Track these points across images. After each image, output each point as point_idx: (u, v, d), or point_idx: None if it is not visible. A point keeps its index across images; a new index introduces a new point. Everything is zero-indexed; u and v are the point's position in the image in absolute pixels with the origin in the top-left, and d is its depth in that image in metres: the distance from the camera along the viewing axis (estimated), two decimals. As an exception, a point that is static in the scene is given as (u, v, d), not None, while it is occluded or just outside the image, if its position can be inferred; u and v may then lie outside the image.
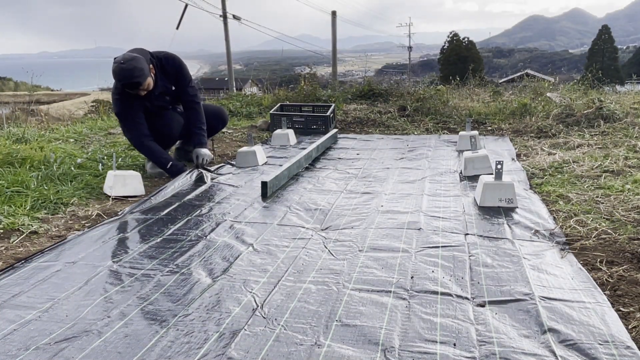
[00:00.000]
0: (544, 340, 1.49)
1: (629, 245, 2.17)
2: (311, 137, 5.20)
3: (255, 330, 1.58)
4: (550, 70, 31.51)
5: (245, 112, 6.81)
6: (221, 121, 4.28)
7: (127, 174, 3.21)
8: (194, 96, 3.76)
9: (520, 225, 2.47)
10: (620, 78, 28.59)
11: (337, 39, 16.34)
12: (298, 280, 1.93)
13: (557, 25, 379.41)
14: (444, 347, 1.47)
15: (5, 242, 2.39)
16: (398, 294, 1.76)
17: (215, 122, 4.08)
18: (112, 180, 3.15)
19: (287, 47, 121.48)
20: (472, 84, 8.33)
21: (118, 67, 3.27)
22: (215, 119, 4.07)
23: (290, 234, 2.45)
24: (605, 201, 2.73)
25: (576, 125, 5.00)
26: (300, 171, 3.76)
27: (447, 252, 2.16)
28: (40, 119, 7.12)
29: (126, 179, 3.17)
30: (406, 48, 53.36)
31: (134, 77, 3.29)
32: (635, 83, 8.60)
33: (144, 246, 2.32)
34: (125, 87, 3.34)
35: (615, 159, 3.55)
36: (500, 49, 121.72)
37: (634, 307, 1.68)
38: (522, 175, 3.42)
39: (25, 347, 1.51)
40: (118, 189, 3.13)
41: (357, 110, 6.46)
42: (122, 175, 3.18)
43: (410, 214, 2.68)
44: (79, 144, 4.54)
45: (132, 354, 1.47)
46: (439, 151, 4.38)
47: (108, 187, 3.17)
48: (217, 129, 4.27)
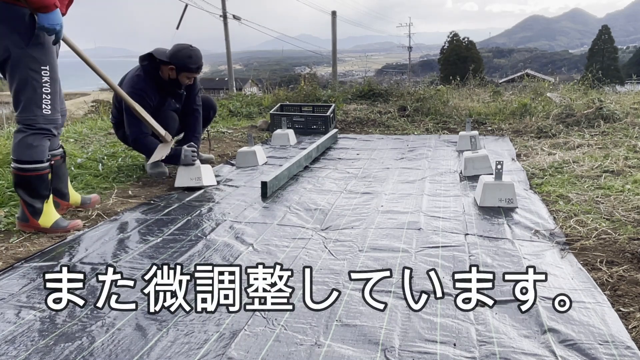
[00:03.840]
0: (544, 340, 1.49)
1: (629, 245, 2.17)
2: (311, 137, 5.20)
3: (256, 331, 1.58)
4: (550, 71, 31.52)
5: (245, 112, 6.81)
6: (212, 110, 4.28)
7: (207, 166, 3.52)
8: (200, 105, 3.83)
9: (520, 225, 2.47)
10: (620, 78, 28.60)
11: (337, 39, 16.33)
12: (298, 280, 1.92)
13: (557, 25, 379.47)
14: (444, 347, 1.47)
15: (5, 242, 2.39)
16: (398, 294, 1.76)
17: (207, 112, 4.09)
18: (200, 171, 3.32)
19: (287, 47, 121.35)
20: (472, 84, 8.33)
21: (192, 50, 3.43)
22: (206, 110, 4.07)
23: (290, 234, 2.45)
24: (605, 201, 2.73)
25: (576, 126, 5.00)
26: (300, 171, 3.76)
27: (447, 252, 2.16)
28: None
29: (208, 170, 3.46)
30: (406, 48, 53.39)
31: (200, 60, 3.49)
32: (635, 83, 8.60)
33: (144, 246, 2.32)
34: (191, 69, 3.42)
35: (615, 159, 3.55)
36: (500, 49, 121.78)
37: (634, 307, 1.68)
38: (522, 175, 3.42)
39: (26, 347, 1.51)
40: (208, 179, 3.34)
41: (357, 110, 6.46)
42: (207, 167, 3.46)
43: (410, 214, 2.68)
44: (79, 144, 4.54)
45: (132, 353, 1.47)
46: (439, 151, 4.38)
47: (193, 179, 3.28)
48: (211, 118, 4.29)
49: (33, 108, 2.34)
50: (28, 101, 2.33)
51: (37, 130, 2.37)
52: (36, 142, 2.38)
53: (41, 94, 2.33)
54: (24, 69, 2.29)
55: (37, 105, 2.34)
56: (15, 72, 2.30)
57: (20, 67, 2.28)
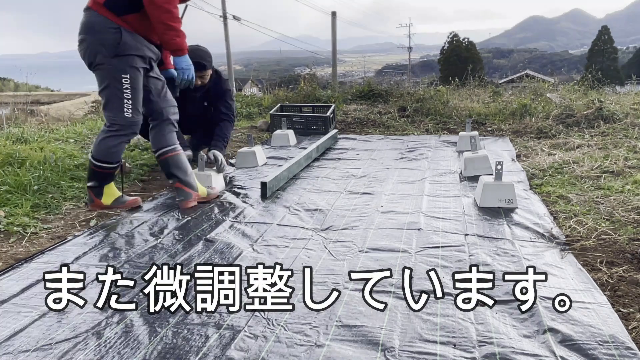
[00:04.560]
0: (544, 340, 1.49)
1: (629, 245, 2.17)
2: (311, 137, 5.20)
3: (255, 331, 1.58)
4: (550, 71, 31.48)
5: (245, 112, 6.81)
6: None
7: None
8: (231, 113, 3.85)
9: (520, 225, 2.47)
10: (620, 79, 28.59)
11: (337, 39, 16.33)
12: (298, 281, 1.92)
13: (557, 26, 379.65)
14: (444, 347, 1.47)
15: (5, 242, 2.39)
16: (398, 294, 1.76)
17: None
18: (212, 179, 3.26)
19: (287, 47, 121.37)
20: (472, 84, 8.33)
21: (195, 46, 3.49)
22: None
23: (290, 234, 2.45)
24: (605, 202, 2.73)
25: (576, 126, 5.00)
26: (300, 171, 3.76)
27: (447, 252, 2.16)
28: (40, 119, 7.12)
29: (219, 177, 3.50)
30: (406, 49, 53.40)
31: (202, 58, 3.53)
32: (635, 83, 8.60)
33: (144, 246, 2.32)
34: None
35: (615, 159, 3.55)
36: (500, 50, 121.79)
37: (634, 308, 1.68)
38: (522, 175, 3.42)
39: (27, 348, 1.51)
40: (218, 186, 3.30)
41: (357, 111, 6.46)
42: (218, 175, 3.45)
43: (410, 215, 2.68)
44: (79, 144, 4.54)
45: (132, 353, 1.47)
46: (439, 152, 4.38)
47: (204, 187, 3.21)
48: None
49: (116, 110, 2.62)
50: (112, 104, 2.62)
51: (117, 131, 2.65)
52: (114, 147, 2.67)
53: (122, 99, 2.60)
54: (109, 76, 2.57)
55: (119, 109, 2.61)
56: (102, 76, 2.60)
57: (105, 73, 2.58)
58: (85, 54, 2.59)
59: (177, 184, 2.87)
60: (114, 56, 2.52)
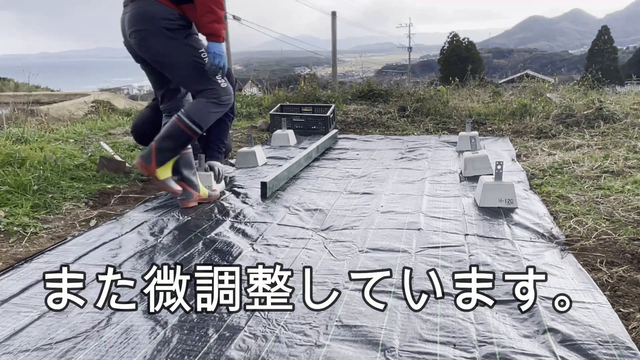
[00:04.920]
0: (544, 340, 1.49)
1: (629, 245, 2.17)
2: (311, 137, 5.20)
3: (256, 331, 1.58)
4: (550, 71, 31.50)
5: (245, 112, 6.81)
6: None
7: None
8: (231, 111, 3.79)
9: (520, 225, 2.47)
10: (620, 79, 28.58)
11: (337, 39, 16.32)
12: (298, 281, 1.92)
13: (557, 26, 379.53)
14: (444, 348, 1.47)
15: (5, 242, 2.39)
16: (398, 294, 1.76)
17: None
18: (212, 179, 3.22)
19: (287, 47, 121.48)
20: (472, 84, 8.33)
21: None
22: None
23: (290, 234, 2.45)
24: (605, 202, 2.73)
25: (576, 126, 5.00)
26: (300, 171, 3.76)
27: (447, 252, 2.16)
28: (40, 119, 7.12)
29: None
30: (406, 48, 53.43)
31: None
32: (635, 84, 8.60)
33: (144, 246, 2.32)
34: None
35: (615, 159, 3.55)
36: (500, 50, 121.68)
37: (634, 308, 1.68)
38: (522, 175, 3.42)
39: (27, 348, 1.51)
40: (219, 186, 3.29)
41: (357, 111, 6.46)
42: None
43: (410, 215, 2.68)
44: (78, 144, 4.54)
45: (132, 354, 1.47)
46: (439, 152, 4.38)
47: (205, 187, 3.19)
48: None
49: (211, 83, 2.59)
50: (203, 80, 2.58)
51: (220, 101, 2.62)
52: (213, 114, 2.62)
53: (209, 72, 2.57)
54: (189, 56, 2.53)
55: (212, 81, 2.59)
56: (181, 62, 2.54)
57: (184, 56, 2.53)
58: (146, 43, 2.53)
59: (181, 182, 2.84)
60: (185, 36, 2.51)
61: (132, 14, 2.53)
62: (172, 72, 2.65)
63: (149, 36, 2.51)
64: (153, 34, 2.50)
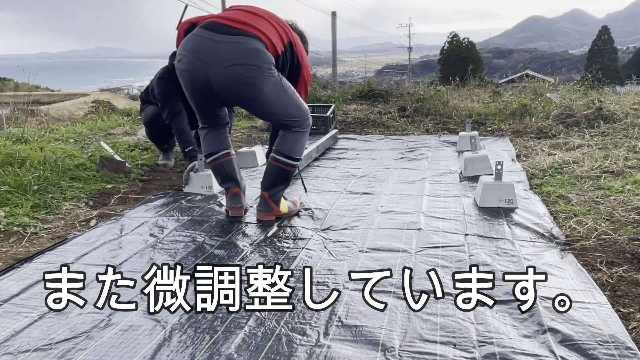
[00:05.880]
0: (544, 340, 1.49)
1: (629, 245, 2.17)
2: (311, 137, 5.18)
3: (255, 331, 1.58)
4: (550, 71, 31.52)
5: (246, 112, 6.81)
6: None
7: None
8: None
9: (520, 225, 2.47)
10: (620, 79, 28.58)
11: (337, 39, 16.33)
12: (298, 281, 1.92)
13: (557, 26, 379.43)
14: (444, 347, 1.47)
15: (5, 242, 2.39)
16: (398, 294, 1.76)
17: None
18: (212, 179, 3.20)
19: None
20: (472, 84, 8.33)
21: None
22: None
23: (290, 234, 2.45)
24: (605, 202, 2.73)
25: (576, 126, 5.00)
26: (300, 171, 3.76)
27: (447, 252, 2.16)
28: (40, 119, 7.12)
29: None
30: (406, 48, 53.45)
31: None
32: (635, 84, 8.61)
33: (144, 246, 2.32)
34: None
35: (615, 159, 3.55)
36: (500, 50, 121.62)
37: (634, 308, 1.68)
38: (522, 175, 3.42)
39: (27, 348, 1.51)
40: (218, 187, 3.22)
41: (357, 111, 6.46)
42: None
43: (410, 215, 2.68)
44: (78, 144, 4.54)
45: (132, 354, 1.47)
46: (439, 152, 4.38)
47: (204, 187, 3.23)
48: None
49: (302, 111, 2.59)
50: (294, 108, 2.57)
51: (306, 127, 2.64)
52: (302, 141, 2.65)
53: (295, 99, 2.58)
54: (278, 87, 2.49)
55: (302, 108, 2.60)
56: (272, 92, 2.49)
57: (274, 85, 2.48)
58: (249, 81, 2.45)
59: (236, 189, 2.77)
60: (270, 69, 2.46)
61: (240, 48, 2.43)
62: (262, 109, 2.63)
63: (258, 75, 2.43)
64: (263, 74, 2.43)
